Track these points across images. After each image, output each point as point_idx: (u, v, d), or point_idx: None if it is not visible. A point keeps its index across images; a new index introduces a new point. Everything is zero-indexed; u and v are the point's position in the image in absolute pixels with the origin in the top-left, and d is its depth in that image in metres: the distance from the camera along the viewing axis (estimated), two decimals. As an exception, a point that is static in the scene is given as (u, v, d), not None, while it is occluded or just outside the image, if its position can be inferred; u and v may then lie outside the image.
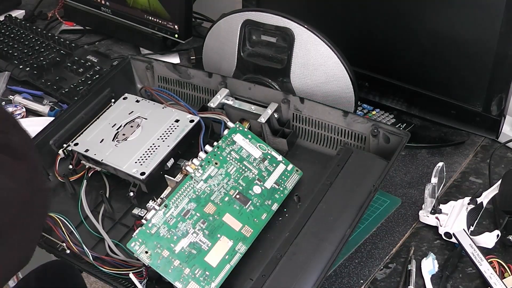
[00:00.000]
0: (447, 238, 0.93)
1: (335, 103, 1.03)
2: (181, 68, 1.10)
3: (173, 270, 0.79)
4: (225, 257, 0.82)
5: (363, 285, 0.88)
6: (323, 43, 1.02)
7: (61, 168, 1.00)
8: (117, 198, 0.96)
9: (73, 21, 1.57)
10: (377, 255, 0.93)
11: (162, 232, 0.81)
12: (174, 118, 1.01)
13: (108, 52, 1.45)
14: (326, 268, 0.78)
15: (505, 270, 0.87)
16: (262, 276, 0.79)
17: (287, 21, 1.03)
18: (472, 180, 1.05)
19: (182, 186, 0.86)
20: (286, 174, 0.93)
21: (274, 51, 1.07)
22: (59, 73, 1.32)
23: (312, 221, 0.84)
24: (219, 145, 0.92)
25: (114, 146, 0.98)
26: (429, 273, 0.88)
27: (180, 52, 1.43)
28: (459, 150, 1.12)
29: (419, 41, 1.07)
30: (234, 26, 1.09)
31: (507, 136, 1.10)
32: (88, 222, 0.91)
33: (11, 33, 1.45)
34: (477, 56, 1.01)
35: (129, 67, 1.15)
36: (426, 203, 0.96)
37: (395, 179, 1.06)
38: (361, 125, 0.96)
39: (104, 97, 1.09)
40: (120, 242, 0.89)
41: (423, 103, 1.12)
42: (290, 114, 1.01)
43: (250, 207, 0.87)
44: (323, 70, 1.03)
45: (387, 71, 1.14)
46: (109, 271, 0.84)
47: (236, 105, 1.02)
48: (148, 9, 1.39)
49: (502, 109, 1.02)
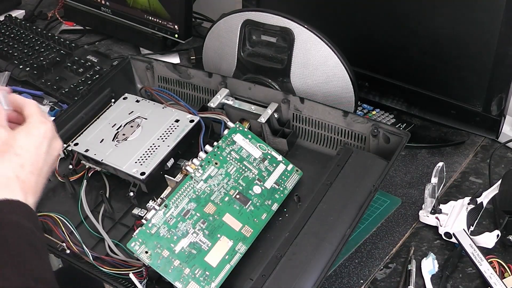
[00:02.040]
0: (447, 238, 0.93)
1: (335, 103, 1.03)
2: (181, 68, 1.10)
3: (173, 270, 0.79)
4: (225, 257, 0.82)
5: (363, 285, 0.88)
6: (323, 43, 1.02)
7: (61, 168, 1.00)
8: (117, 198, 0.96)
9: (73, 21, 1.57)
10: (377, 255, 0.93)
11: (162, 232, 0.81)
12: (174, 118, 1.01)
13: (108, 52, 1.45)
14: (326, 268, 0.78)
15: (505, 270, 0.87)
16: (262, 276, 0.79)
17: (287, 21, 1.03)
18: (472, 180, 1.05)
19: (182, 186, 0.86)
20: (286, 174, 0.93)
21: (274, 51, 1.07)
22: (59, 73, 1.32)
23: (312, 221, 0.84)
24: (219, 145, 0.92)
25: (114, 146, 0.98)
26: (429, 273, 0.88)
27: (180, 52, 1.43)
28: (459, 150, 1.12)
29: (419, 41, 1.07)
30: (234, 26, 1.09)
31: (507, 136, 1.10)
32: (88, 222, 0.91)
33: (11, 33, 1.45)
34: (477, 56, 1.01)
35: (129, 67, 1.15)
36: (426, 203, 0.96)
37: (395, 179, 1.06)
38: (361, 125, 0.96)
39: (104, 97, 1.09)
40: (120, 242, 0.89)
41: (423, 103, 1.12)
42: (290, 114, 1.01)
43: (250, 207, 0.87)
44: (323, 70, 1.03)
45: (387, 71, 1.14)
46: (109, 271, 0.84)
47: (236, 105, 1.02)
48: (148, 9, 1.39)
49: (502, 109, 1.02)
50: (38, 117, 0.72)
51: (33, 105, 0.74)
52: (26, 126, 0.71)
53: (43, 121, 0.72)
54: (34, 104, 0.74)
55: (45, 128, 0.72)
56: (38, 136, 0.71)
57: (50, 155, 0.72)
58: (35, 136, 0.70)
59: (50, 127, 0.73)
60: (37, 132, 0.71)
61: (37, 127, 0.71)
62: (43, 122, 0.72)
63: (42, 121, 0.72)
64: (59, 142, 0.74)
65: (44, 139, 0.71)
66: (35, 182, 0.69)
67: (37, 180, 0.70)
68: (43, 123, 0.72)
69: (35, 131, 0.71)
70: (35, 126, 0.71)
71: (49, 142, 0.72)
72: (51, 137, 0.73)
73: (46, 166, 0.72)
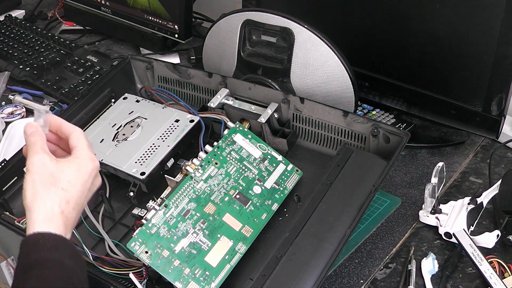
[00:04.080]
0: (447, 238, 0.93)
1: (335, 103, 1.03)
2: (181, 68, 1.10)
3: (173, 270, 0.79)
4: (225, 257, 0.82)
5: (363, 285, 0.88)
6: (323, 43, 1.02)
7: (61, 168, 1.00)
8: (117, 198, 0.96)
9: (73, 21, 1.57)
10: (377, 255, 0.93)
11: (162, 232, 0.81)
12: (174, 118, 1.01)
13: (108, 52, 1.45)
14: (326, 268, 0.78)
15: (505, 270, 0.87)
16: (262, 276, 0.79)
17: (287, 21, 1.03)
18: (472, 180, 1.05)
19: (182, 186, 0.86)
20: (286, 174, 0.93)
21: (274, 51, 1.07)
22: (59, 73, 1.32)
23: (312, 221, 0.84)
24: (219, 145, 0.92)
25: (114, 146, 0.98)
26: (429, 273, 0.88)
27: (180, 52, 1.43)
28: (459, 150, 1.12)
29: (419, 41, 1.07)
30: (234, 26, 1.09)
31: (507, 136, 1.10)
32: (88, 222, 0.91)
33: (11, 33, 1.45)
34: (477, 56, 1.01)
35: (129, 67, 1.15)
36: (426, 203, 0.96)
37: (395, 179, 1.06)
38: (361, 125, 0.96)
39: (104, 97, 1.09)
40: (120, 242, 0.89)
41: (423, 103, 1.12)
42: (290, 114, 1.01)
43: (250, 207, 0.87)
44: (323, 70, 1.03)
45: (387, 71, 1.14)
46: (109, 271, 0.84)
47: (236, 105, 1.02)
48: (148, 9, 1.39)
49: (502, 109, 1.02)
50: (88, 152, 0.71)
51: (82, 135, 0.73)
52: (76, 161, 0.70)
53: (92, 158, 0.71)
54: (82, 134, 0.73)
55: (93, 166, 0.71)
56: (86, 174, 0.70)
57: (90, 192, 0.72)
58: (83, 173, 0.70)
59: (97, 165, 0.72)
60: (85, 170, 0.70)
61: (86, 164, 0.70)
62: (93, 159, 0.71)
63: (92, 158, 0.71)
64: (99, 180, 0.74)
65: (90, 177, 0.71)
66: (76, 218, 0.69)
67: (77, 216, 0.70)
68: (92, 161, 0.71)
69: (84, 168, 0.70)
70: (85, 163, 0.70)
71: (93, 178, 0.71)
72: (95, 173, 0.72)
73: (85, 201, 0.71)
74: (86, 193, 0.71)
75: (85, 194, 0.71)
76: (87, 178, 0.70)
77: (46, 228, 0.64)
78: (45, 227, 0.64)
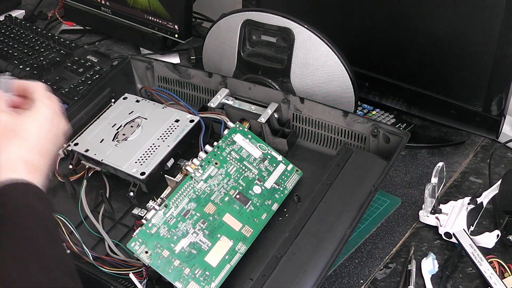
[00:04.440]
0: (447, 238, 0.93)
1: (335, 103, 1.03)
2: (181, 68, 1.10)
3: (173, 270, 0.79)
4: (225, 257, 0.82)
5: (363, 285, 0.89)
6: (323, 43, 1.02)
7: (61, 168, 1.00)
8: (117, 198, 0.96)
9: (73, 21, 1.57)
10: (377, 255, 0.93)
11: (162, 232, 0.81)
12: (174, 118, 1.01)
13: (108, 52, 1.45)
14: (326, 268, 0.78)
15: (505, 270, 0.87)
16: (262, 276, 0.79)
17: (287, 21, 1.03)
18: (472, 180, 1.05)
19: (182, 186, 0.86)
20: (286, 174, 0.93)
21: (274, 51, 1.07)
22: (59, 73, 1.32)
23: (312, 221, 0.84)
24: (219, 145, 0.92)
25: (114, 146, 0.98)
26: (429, 273, 0.88)
27: (180, 52, 1.43)
28: (459, 150, 1.12)
29: (419, 41, 1.07)
30: (234, 26, 1.09)
31: (507, 136, 1.10)
32: (88, 222, 0.91)
33: (11, 33, 1.45)
34: (477, 56, 1.01)
35: (129, 67, 1.15)
36: (426, 203, 0.96)
37: (395, 179, 1.06)
38: (361, 125, 0.96)
39: (104, 97, 1.09)
40: (120, 242, 0.89)
41: (423, 103, 1.12)
42: (290, 114, 1.01)
43: (250, 207, 0.87)
44: (323, 70, 1.03)
45: (387, 71, 1.14)
46: (109, 271, 0.84)
47: (236, 105, 1.02)
48: (148, 9, 1.39)
49: (502, 109, 1.02)
50: (44, 100, 0.73)
51: (39, 87, 0.75)
52: (32, 110, 0.72)
53: (48, 104, 0.73)
54: (40, 86, 0.75)
55: (50, 111, 0.73)
56: (45, 119, 0.72)
57: (55, 135, 0.74)
58: (41, 120, 0.72)
59: (55, 108, 0.74)
60: (43, 116, 0.72)
61: (43, 111, 0.72)
62: (49, 105, 0.73)
63: (47, 104, 0.73)
64: (63, 122, 0.76)
65: (51, 122, 0.73)
66: (45, 163, 0.71)
67: (47, 162, 0.71)
68: (48, 107, 0.73)
69: (42, 115, 0.72)
70: (42, 111, 0.72)
71: (53, 121, 0.73)
72: (55, 116, 0.74)
73: (51, 145, 0.73)
74: (50, 137, 0.72)
75: (50, 138, 0.72)
76: (46, 124, 0.72)
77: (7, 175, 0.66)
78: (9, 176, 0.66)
